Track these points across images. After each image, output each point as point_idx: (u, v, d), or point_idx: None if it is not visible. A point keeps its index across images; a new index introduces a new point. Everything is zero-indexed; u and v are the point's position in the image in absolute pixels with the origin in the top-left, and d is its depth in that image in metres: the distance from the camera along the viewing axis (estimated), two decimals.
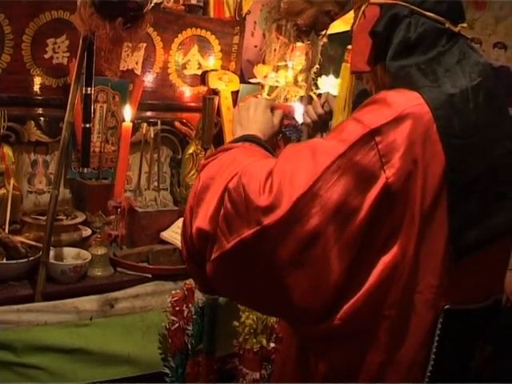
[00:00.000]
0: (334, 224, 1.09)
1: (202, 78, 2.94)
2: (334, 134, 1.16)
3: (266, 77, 2.89)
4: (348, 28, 2.45)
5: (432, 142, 1.12)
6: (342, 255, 1.10)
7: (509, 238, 1.27)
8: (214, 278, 1.21)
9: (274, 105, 1.65)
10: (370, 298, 1.12)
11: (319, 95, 2.61)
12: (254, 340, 2.13)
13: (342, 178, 1.09)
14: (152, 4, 2.01)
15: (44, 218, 2.19)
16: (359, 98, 1.46)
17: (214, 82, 2.91)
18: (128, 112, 2.53)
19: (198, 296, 2.13)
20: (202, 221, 1.19)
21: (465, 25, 1.27)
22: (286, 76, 2.88)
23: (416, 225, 1.11)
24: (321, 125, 1.83)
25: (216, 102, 2.75)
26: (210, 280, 1.22)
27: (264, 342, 2.14)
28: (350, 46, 1.37)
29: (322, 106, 1.82)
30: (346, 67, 1.44)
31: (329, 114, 1.80)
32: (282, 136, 2.90)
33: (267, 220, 1.09)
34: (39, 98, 2.49)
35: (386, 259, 1.11)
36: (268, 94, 2.91)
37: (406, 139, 1.10)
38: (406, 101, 1.15)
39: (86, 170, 2.46)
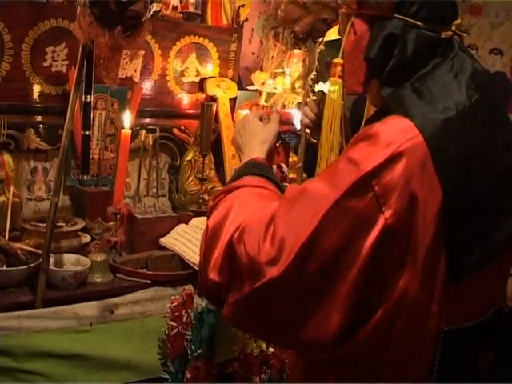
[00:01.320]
0: (336, 268, 1.10)
1: (200, 85, 2.95)
2: (328, 176, 1.15)
3: (263, 84, 2.91)
4: None
5: (429, 173, 1.10)
6: (348, 296, 1.11)
7: (509, 250, 1.26)
8: (231, 320, 1.25)
9: (261, 114, 1.66)
10: (376, 331, 1.14)
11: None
12: (254, 344, 2.14)
13: (340, 224, 1.09)
14: (151, 12, 2.03)
15: (44, 224, 2.20)
16: (355, 108, 1.45)
17: (212, 89, 2.93)
18: (127, 119, 2.53)
19: (197, 301, 2.15)
20: (213, 272, 1.24)
21: (458, 21, 1.23)
22: (283, 83, 2.90)
23: (419, 258, 1.10)
24: (320, 124, 1.81)
25: (214, 109, 2.78)
26: (229, 320, 1.26)
27: (264, 346, 2.16)
28: (335, 60, 1.32)
29: (318, 105, 1.80)
30: (332, 82, 1.36)
31: None
32: (281, 142, 2.93)
33: (271, 273, 1.13)
34: (39, 105, 2.50)
35: (391, 295, 1.12)
36: (266, 101, 2.93)
37: (402, 177, 1.08)
38: (400, 135, 1.11)
39: (85, 177, 2.47)
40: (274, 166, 2.36)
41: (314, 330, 1.14)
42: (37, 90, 2.48)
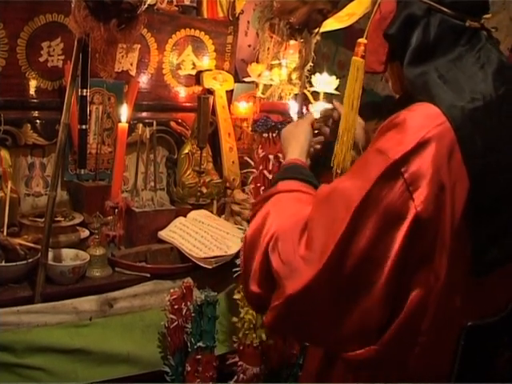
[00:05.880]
0: (372, 264, 1.09)
1: (197, 78, 2.96)
2: (357, 170, 1.15)
3: (260, 75, 2.90)
4: (340, 26, 2.46)
5: (456, 163, 1.08)
6: (383, 290, 1.10)
7: None
8: (272, 326, 1.26)
9: (312, 121, 1.65)
10: (405, 326, 1.12)
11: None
12: (254, 335, 2.15)
13: (372, 217, 1.08)
14: (145, 5, 2.02)
15: (42, 220, 2.19)
16: (366, 111, 1.42)
17: (208, 82, 2.93)
18: (124, 113, 2.53)
19: (197, 294, 2.15)
20: (253, 284, 1.27)
21: (488, 16, 1.22)
22: (279, 74, 2.89)
23: (447, 248, 1.09)
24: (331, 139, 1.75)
25: (211, 102, 2.78)
26: (269, 328, 1.30)
27: (263, 336, 2.16)
28: (360, 40, 1.29)
29: (326, 124, 1.73)
30: (354, 61, 1.31)
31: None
32: (278, 133, 2.92)
33: (307, 275, 1.12)
34: (35, 100, 2.50)
35: (420, 285, 1.10)
36: (262, 93, 2.92)
37: (431, 164, 1.07)
38: (427, 122, 1.10)
39: (82, 171, 2.46)
40: (271, 157, 2.36)
41: (355, 329, 1.13)
42: (33, 85, 2.48)
